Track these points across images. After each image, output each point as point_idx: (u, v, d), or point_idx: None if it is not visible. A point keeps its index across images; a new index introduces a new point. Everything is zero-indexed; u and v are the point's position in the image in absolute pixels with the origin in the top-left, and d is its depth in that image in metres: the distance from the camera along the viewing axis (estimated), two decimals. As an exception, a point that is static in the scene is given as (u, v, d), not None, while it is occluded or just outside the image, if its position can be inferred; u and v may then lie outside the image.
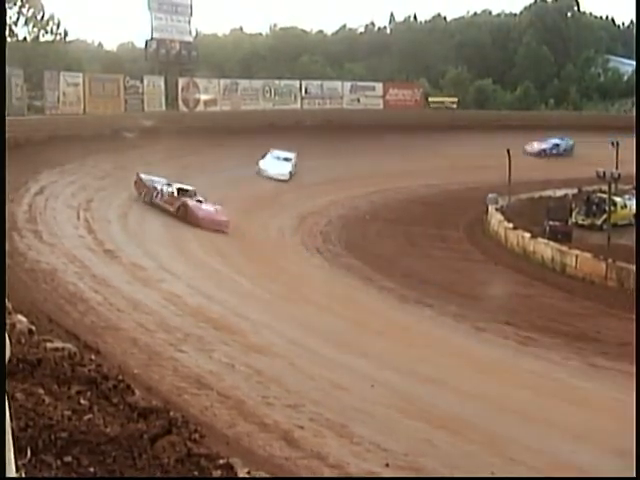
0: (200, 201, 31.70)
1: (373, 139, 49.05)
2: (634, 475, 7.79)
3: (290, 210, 36.01)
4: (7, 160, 4.57)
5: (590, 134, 53.19)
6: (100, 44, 76.23)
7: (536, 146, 56.47)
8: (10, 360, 4.87)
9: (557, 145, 57.12)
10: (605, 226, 32.58)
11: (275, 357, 15.51)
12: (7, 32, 44.92)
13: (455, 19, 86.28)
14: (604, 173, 32.37)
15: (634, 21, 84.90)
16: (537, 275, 29.46)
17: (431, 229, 36.19)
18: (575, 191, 43.65)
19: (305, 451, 10.78)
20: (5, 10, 35.97)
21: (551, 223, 34.70)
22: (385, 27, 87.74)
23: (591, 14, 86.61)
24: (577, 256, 29.79)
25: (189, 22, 52.84)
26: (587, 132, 53.91)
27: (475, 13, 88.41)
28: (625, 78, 76.05)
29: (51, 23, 52.95)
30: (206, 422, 10.42)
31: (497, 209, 38.30)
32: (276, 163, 42.38)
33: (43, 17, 52.41)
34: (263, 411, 12.12)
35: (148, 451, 5.15)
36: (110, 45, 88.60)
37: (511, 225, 34.91)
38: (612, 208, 33.64)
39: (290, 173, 42.58)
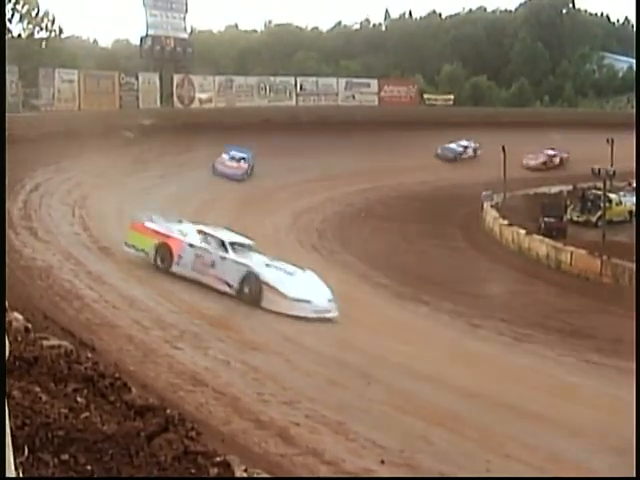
0: None
1: (368, 136, 49.01)
2: (634, 475, 7.82)
3: (285, 207, 35.99)
4: (3, 158, 4.56)
5: (586, 131, 53.39)
6: (95, 41, 76.37)
7: (233, 165, 41.39)
8: (7, 358, 4.87)
9: (244, 159, 41.90)
10: (600, 223, 32.64)
11: (271, 354, 15.50)
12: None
13: (450, 16, 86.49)
14: (599, 170, 32.44)
15: (629, 18, 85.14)
16: (532, 272, 29.53)
17: (426, 226, 36.22)
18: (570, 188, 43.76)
19: (301, 448, 10.79)
20: (5, 10, 35.92)
21: (546, 220, 34.79)
22: (380, 24, 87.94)
23: (586, 11, 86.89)
24: (572, 253, 29.87)
25: (184, 19, 52.79)
26: (583, 129, 54.04)
27: (470, 10, 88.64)
28: (620, 75, 76.17)
29: (46, 20, 52.52)
30: (201, 419, 10.42)
31: (492, 206, 38.38)
32: None
33: (38, 14, 52.00)
34: (259, 408, 12.12)
35: (145, 449, 5.15)
36: (105, 42, 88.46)
37: (506, 222, 34.97)
38: (607, 205, 33.70)
39: None
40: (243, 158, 41.57)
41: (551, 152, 51.66)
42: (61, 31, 54.24)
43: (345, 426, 11.84)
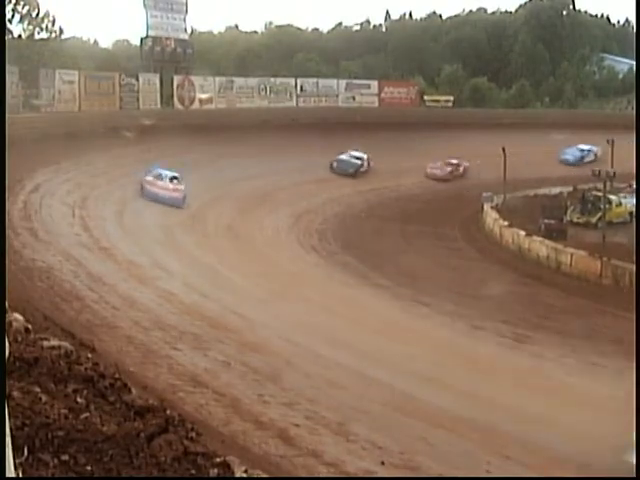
0: None
1: (368, 137, 49.00)
2: (634, 475, 7.82)
3: (285, 208, 36.00)
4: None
5: (585, 132, 53.39)
6: (95, 42, 76.19)
7: (168, 187, 34.37)
8: (7, 358, 4.86)
9: (176, 179, 35.15)
10: (600, 224, 32.61)
11: (271, 355, 15.50)
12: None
13: (450, 17, 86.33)
14: (599, 171, 32.41)
15: (629, 19, 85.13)
16: (532, 273, 29.50)
17: (426, 227, 36.20)
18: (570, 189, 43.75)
19: (301, 449, 10.77)
20: (5, 10, 35.92)
21: (546, 221, 34.71)
22: (381, 25, 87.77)
23: (586, 12, 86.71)
24: (572, 254, 29.83)
25: (184, 20, 52.74)
26: (582, 130, 54.03)
27: (470, 11, 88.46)
28: (620, 76, 76.13)
29: (46, 20, 52.67)
30: (201, 420, 10.41)
31: (492, 207, 38.35)
32: None
33: (38, 14, 52.13)
34: (259, 409, 12.11)
35: (145, 450, 5.14)
36: (106, 43, 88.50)
37: (506, 223, 34.94)
38: (607, 206, 33.67)
39: None
40: (175, 177, 35.10)
41: (454, 161, 48.39)
42: (61, 32, 54.36)
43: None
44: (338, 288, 24.95)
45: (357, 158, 46.99)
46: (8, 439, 3.53)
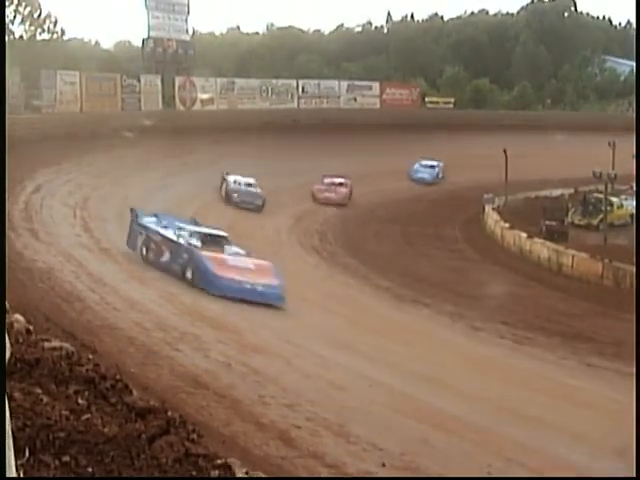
0: None
1: (370, 139, 49.00)
2: (634, 475, 7.82)
3: (286, 209, 35.98)
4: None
5: (587, 134, 53.35)
6: (97, 43, 76.17)
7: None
8: (9, 360, 4.87)
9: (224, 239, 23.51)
10: (601, 226, 32.61)
11: (272, 356, 15.50)
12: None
13: (452, 19, 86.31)
14: (600, 173, 32.43)
15: (631, 21, 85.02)
16: (533, 275, 29.49)
17: (428, 228, 36.19)
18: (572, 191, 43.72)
19: (302, 450, 10.77)
20: (4, 10, 35.89)
21: (547, 223, 34.71)
22: (382, 26, 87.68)
23: (588, 14, 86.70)
24: (573, 256, 29.82)
25: (186, 21, 52.84)
26: (584, 132, 54.02)
27: (472, 13, 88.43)
28: (622, 78, 76.08)
29: (48, 21, 52.89)
30: (202, 421, 10.41)
31: (494, 209, 38.32)
32: None
33: (40, 15, 52.34)
34: (259, 410, 12.11)
35: (146, 451, 5.14)
36: (107, 44, 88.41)
37: (507, 225, 34.92)
38: (608, 208, 33.67)
39: None
40: (222, 237, 23.37)
41: (340, 180, 41.70)
42: (63, 33, 54.63)
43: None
44: (339, 288, 24.98)
45: (249, 185, 37.31)
46: (9, 440, 3.53)
